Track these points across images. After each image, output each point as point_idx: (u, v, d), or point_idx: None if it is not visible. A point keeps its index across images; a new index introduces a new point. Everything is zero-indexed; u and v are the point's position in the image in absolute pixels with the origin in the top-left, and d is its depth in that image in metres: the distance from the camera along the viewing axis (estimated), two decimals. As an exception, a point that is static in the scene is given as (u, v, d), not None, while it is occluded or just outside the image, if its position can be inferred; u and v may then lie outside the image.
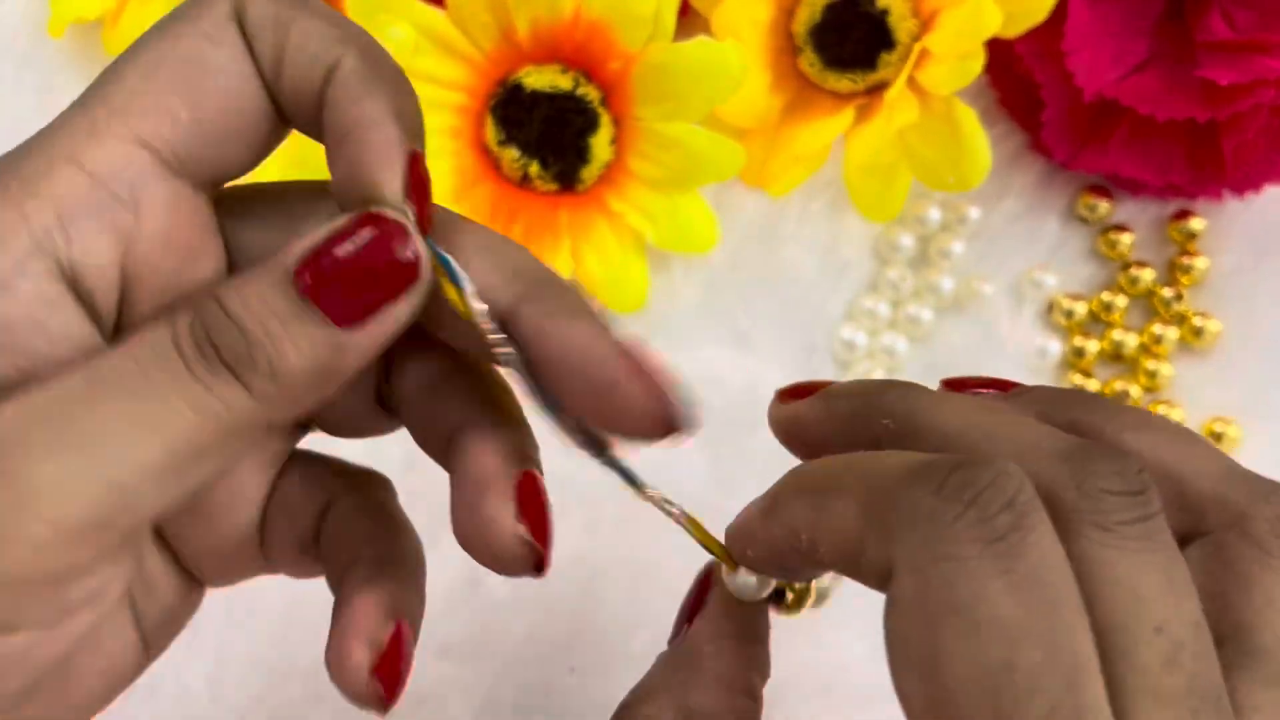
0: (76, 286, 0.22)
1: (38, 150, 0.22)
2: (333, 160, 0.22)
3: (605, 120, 0.37)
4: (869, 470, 0.21)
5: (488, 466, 0.23)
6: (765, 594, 0.25)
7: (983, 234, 0.40)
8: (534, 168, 0.38)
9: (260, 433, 0.23)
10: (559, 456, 0.38)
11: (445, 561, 0.37)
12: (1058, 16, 0.35)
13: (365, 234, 0.21)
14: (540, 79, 0.37)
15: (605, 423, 0.23)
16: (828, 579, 0.26)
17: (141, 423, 0.21)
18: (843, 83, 0.38)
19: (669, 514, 0.26)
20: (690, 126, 0.36)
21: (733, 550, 0.26)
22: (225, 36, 0.22)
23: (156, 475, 0.21)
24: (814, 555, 0.22)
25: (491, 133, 0.38)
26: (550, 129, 0.37)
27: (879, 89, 0.38)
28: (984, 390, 0.25)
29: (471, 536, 0.23)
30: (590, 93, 0.37)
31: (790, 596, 0.26)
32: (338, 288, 0.21)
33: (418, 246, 0.22)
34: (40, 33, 0.40)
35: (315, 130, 0.23)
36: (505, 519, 0.23)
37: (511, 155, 0.38)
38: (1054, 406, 0.23)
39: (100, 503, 0.21)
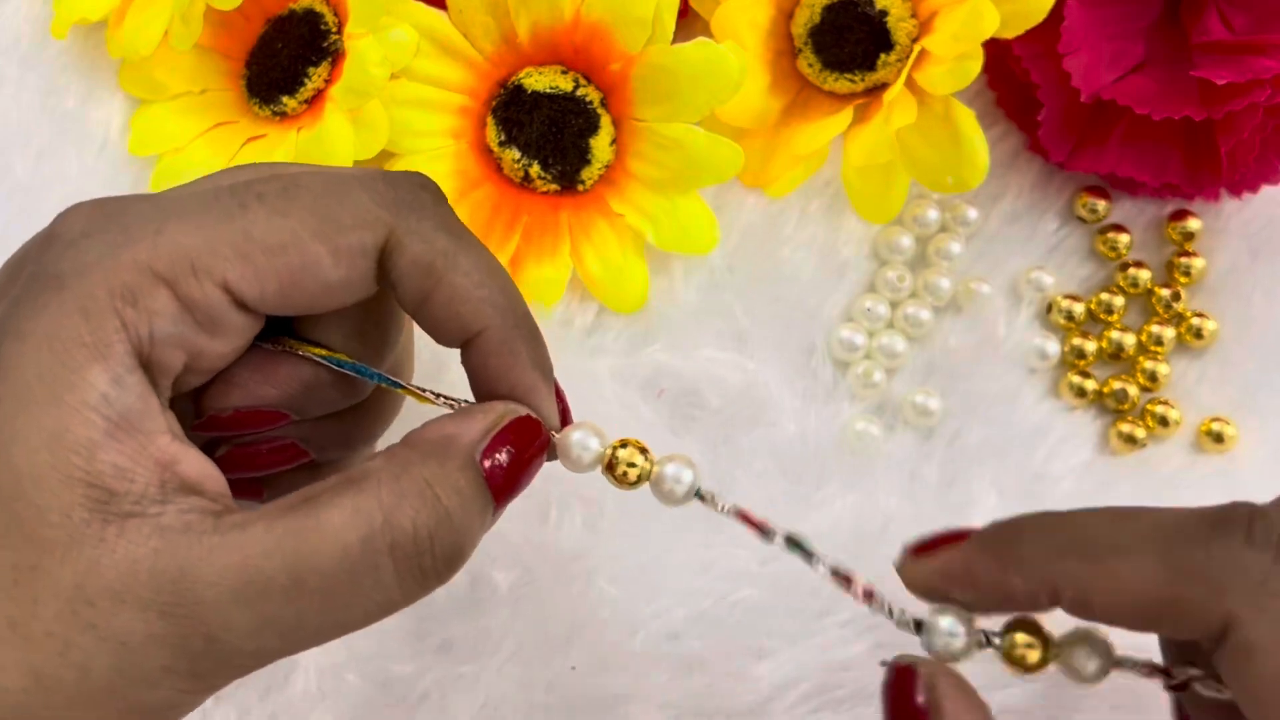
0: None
1: (147, 249, 0.24)
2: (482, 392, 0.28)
3: (605, 121, 0.37)
4: (1156, 527, 0.24)
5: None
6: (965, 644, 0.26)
7: (981, 234, 0.40)
8: (535, 169, 0.38)
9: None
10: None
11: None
12: (1055, 18, 0.35)
13: (533, 440, 0.27)
14: (541, 80, 0.37)
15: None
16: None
17: (332, 625, 0.25)
18: (841, 84, 0.38)
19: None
20: (689, 128, 0.36)
21: (924, 586, 0.27)
22: (353, 262, 0.26)
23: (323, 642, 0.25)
24: (1083, 608, 0.24)
25: (493, 134, 0.38)
26: (551, 130, 0.37)
27: (878, 90, 0.38)
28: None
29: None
30: (590, 94, 0.37)
31: (1033, 653, 0.26)
32: (508, 481, 0.26)
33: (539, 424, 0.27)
34: (44, 34, 0.40)
35: (437, 337, 0.27)
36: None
37: (512, 156, 0.38)
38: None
39: (275, 659, 0.25)
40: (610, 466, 0.28)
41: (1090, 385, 0.39)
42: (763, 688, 0.37)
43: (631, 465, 0.28)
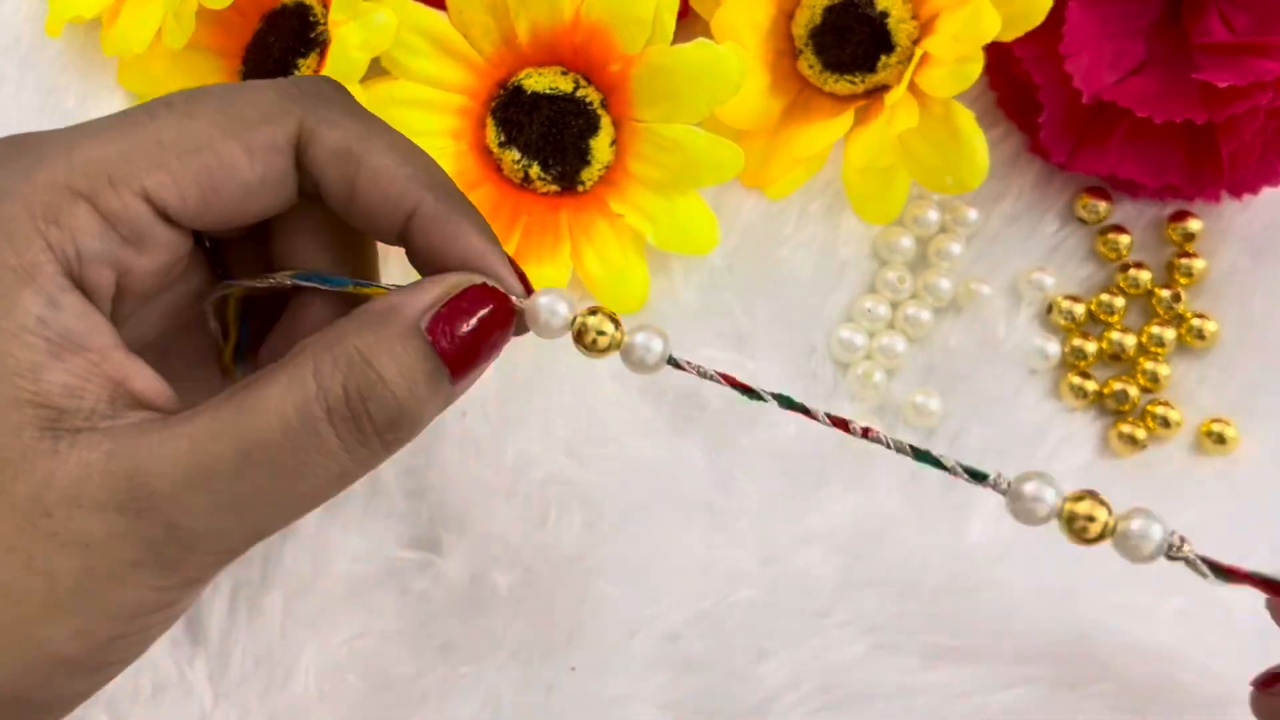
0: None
1: (63, 167, 0.24)
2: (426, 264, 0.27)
3: (605, 122, 0.37)
4: None
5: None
6: None
7: (981, 235, 0.40)
8: (535, 169, 0.38)
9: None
10: (562, 458, 0.38)
11: (446, 561, 0.37)
12: (1056, 19, 0.35)
13: (486, 307, 0.26)
14: (540, 81, 0.37)
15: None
16: None
17: (290, 496, 0.25)
18: (842, 85, 0.38)
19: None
20: (689, 128, 0.36)
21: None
22: (269, 158, 0.26)
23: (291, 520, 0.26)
24: None
25: (492, 134, 0.38)
26: (551, 131, 0.37)
27: (878, 91, 0.38)
28: None
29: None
30: (590, 95, 0.37)
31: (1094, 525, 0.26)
32: (463, 351, 0.26)
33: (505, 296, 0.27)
34: (43, 34, 0.40)
35: (377, 232, 0.27)
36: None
37: (512, 157, 0.38)
38: None
39: (248, 545, 0.26)
40: (580, 335, 0.27)
41: (1091, 386, 0.39)
42: (762, 689, 0.37)
43: (601, 333, 0.27)
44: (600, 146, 0.37)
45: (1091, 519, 0.26)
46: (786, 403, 0.28)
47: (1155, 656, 0.37)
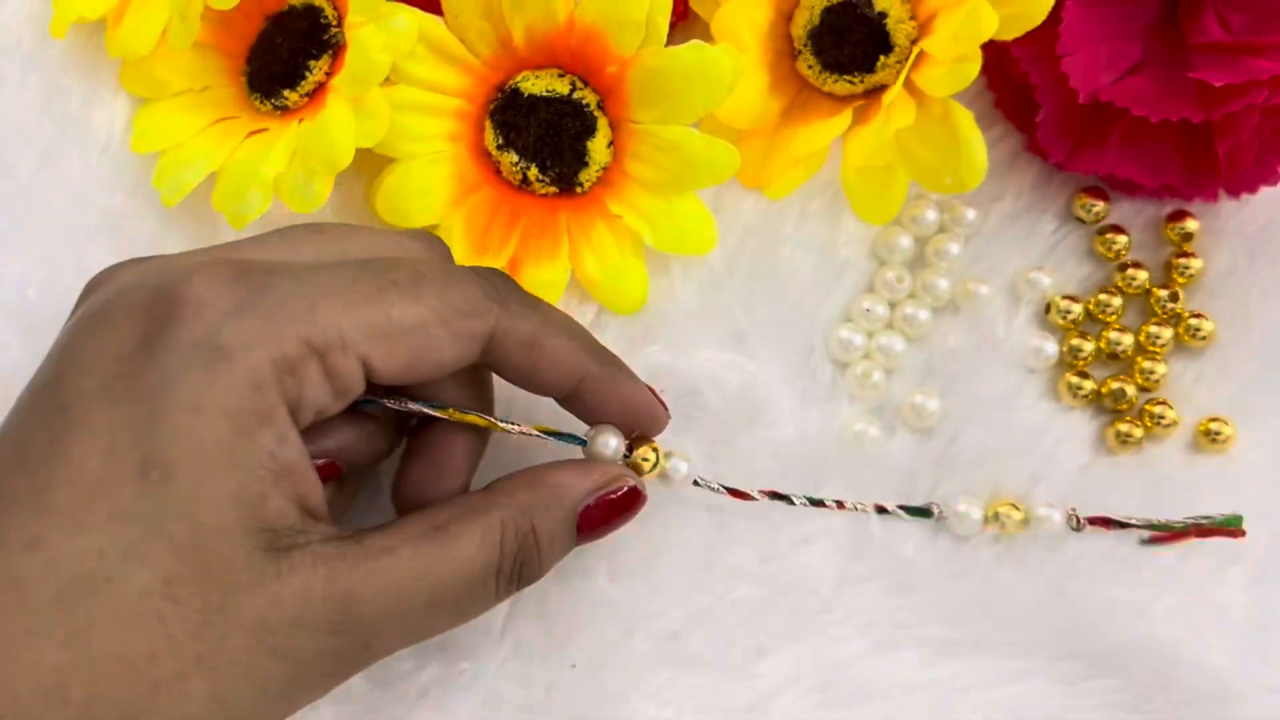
0: None
1: (304, 325, 0.27)
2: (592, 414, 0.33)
3: (603, 124, 0.38)
4: None
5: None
6: None
7: (980, 235, 0.41)
8: (533, 171, 0.38)
9: None
10: (564, 457, 0.38)
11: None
12: (1053, 19, 0.35)
13: (632, 507, 0.33)
14: (538, 84, 0.37)
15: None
16: None
17: (451, 627, 0.31)
18: (841, 85, 0.38)
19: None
20: (685, 130, 0.36)
21: None
22: (466, 346, 0.30)
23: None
24: None
25: (491, 137, 0.38)
26: (548, 133, 0.37)
27: (877, 91, 0.38)
28: None
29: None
30: (587, 96, 0.37)
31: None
32: (596, 531, 0.32)
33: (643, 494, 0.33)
34: (46, 35, 0.40)
35: (543, 392, 0.33)
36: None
37: (511, 159, 0.38)
38: None
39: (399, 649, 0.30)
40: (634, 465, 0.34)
41: (1088, 385, 0.39)
42: (762, 686, 0.37)
43: (645, 459, 0.34)
44: (597, 148, 0.38)
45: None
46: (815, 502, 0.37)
47: (1152, 653, 0.37)
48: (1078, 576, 0.38)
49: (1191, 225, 0.40)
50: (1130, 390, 0.39)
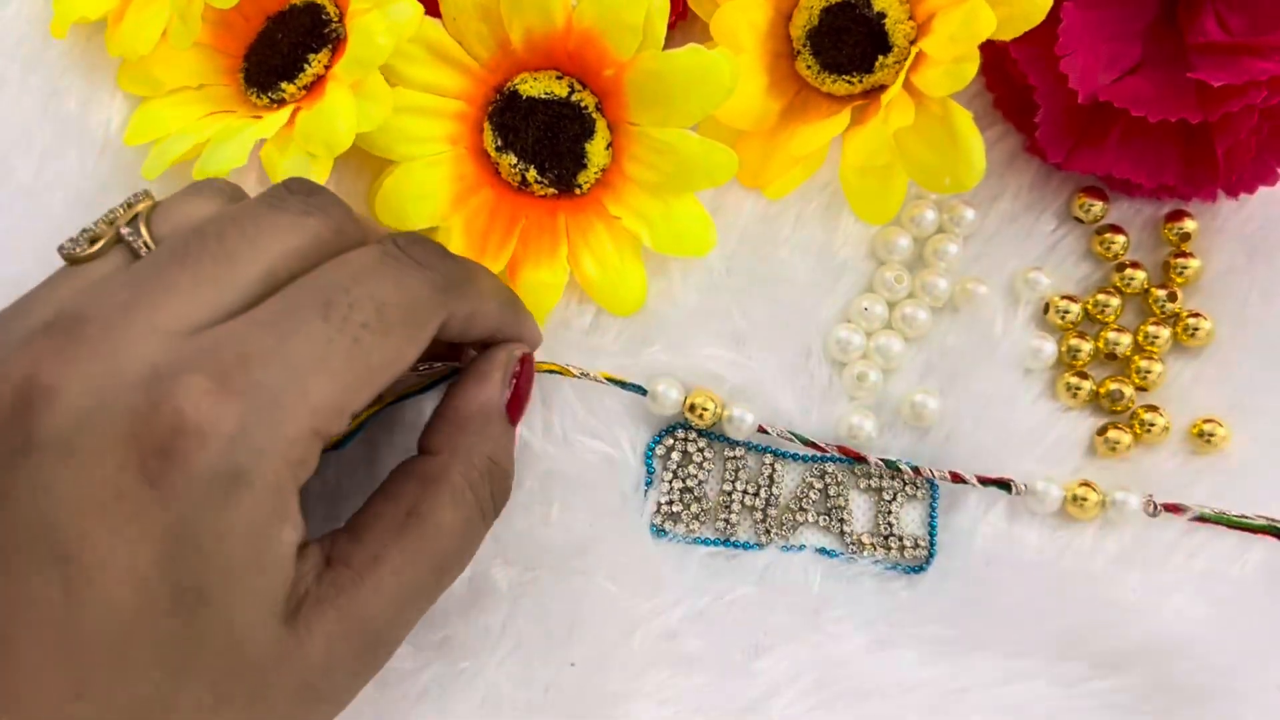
0: None
1: (306, 415, 0.27)
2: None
3: (601, 126, 0.38)
4: None
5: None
6: None
7: (979, 235, 0.41)
8: (532, 173, 0.38)
9: None
10: (563, 456, 0.38)
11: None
12: (1052, 20, 0.35)
13: (525, 367, 0.34)
14: (536, 86, 0.37)
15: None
16: None
17: (455, 571, 0.32)
18: (839, 85, 0.38)
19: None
20: (683, 132, 0.36)
21: None
22: (425, 346, 0.30)
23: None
24: None
25: (490, 139, 0.38)
26: (547, 135, 0.37)
27: (876, 92, 0.38)
28: None
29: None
30: (586, 99, 0.37)
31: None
32: (520, 405, 0.34)
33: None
34: (45, 36, 0.40)
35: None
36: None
37: (509, 161, 0.38)
38: None
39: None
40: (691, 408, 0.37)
41: (1086, 385, 0.39)
42: (760, 685, 0.37)
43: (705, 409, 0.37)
44: (596, 150, 0.38)
45: None
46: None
47: (1152, 652, 0.37)
48: (1078, 576, 0.38)
49: (1190, 225, 0.40)
50: (1128, 391, 0.39)
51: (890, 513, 0.38)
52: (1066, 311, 0.39)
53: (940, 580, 0.38)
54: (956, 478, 0.37)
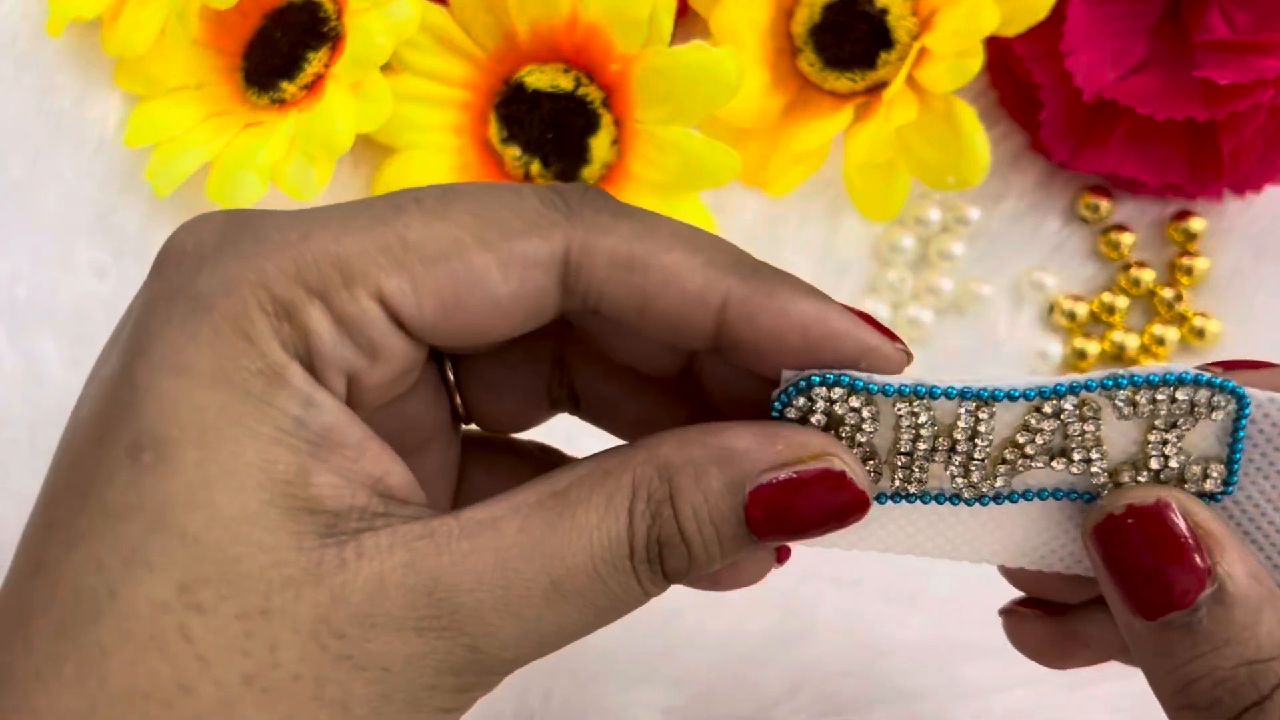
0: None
1: (292, 259, 0.22)
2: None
3: (607, 121, 0.37)
4: None
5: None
6: None
7: (983, 235, 0.40)
8: (535, 166, 0.38)
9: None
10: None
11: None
12: (1057, 17, 0.35)
13: (836, 501, 0.22)
14: (542, 79, 0.37)
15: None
16: None
17: (588, 625, 0.22)
18: (842, 82, 0.38)
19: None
20: (686, 131, 0.36)
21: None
22: (526, 274, 0.22)
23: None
24: None
25: (494, 130, 0.38)
26: (551, 129, 0.37)
27: (878, 88, 0.38)
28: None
29: None
30: (592, 93, 0.37)
31: None
32: (783, 528, 0.22)
33: (863, 492, 0.22)
34: (40, 33, 0.40)
35: (684, 341, 0.23)
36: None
37: (513, 153, 0.38)
38: None
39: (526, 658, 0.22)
40: None
41: (1093, 387, 0.39)
42: (763, 694, 0.37)
43: None
44: (600, 146, 0.37)
45: None
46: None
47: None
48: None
49: (1196, 225, 0.40)
50: (1135, 392, 0.39)
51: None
52: (1072, 313, 0.39)
53: (942, 588, 0.38)
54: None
